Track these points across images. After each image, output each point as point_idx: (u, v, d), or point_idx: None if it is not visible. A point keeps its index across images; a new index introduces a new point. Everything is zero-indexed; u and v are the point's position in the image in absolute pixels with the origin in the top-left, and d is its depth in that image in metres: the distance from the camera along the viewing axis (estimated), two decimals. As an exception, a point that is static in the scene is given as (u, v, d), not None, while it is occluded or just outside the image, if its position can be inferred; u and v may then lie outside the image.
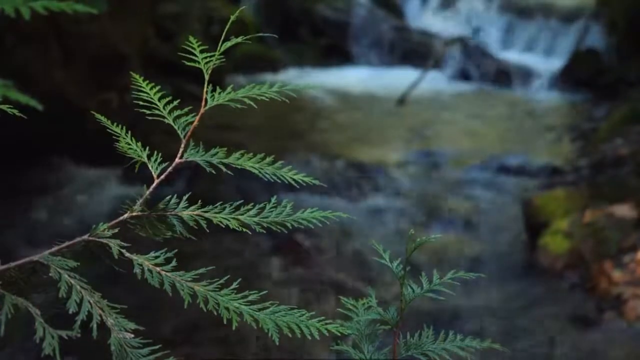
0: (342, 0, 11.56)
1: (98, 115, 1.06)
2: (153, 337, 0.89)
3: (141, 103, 1.04)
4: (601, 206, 5.36)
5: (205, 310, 0.91)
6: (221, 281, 0.94)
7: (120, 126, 1.06)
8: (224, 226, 0.98)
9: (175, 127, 1.02)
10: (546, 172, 6.90)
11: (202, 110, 1.01)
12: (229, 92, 1.02)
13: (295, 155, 6.98)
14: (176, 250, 0.95)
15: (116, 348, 0.87)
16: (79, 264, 0.90)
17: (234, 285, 0.94)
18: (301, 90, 1.03)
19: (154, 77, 1.10)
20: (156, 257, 0.94)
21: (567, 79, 9.79)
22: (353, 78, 10.19)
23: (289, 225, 0.99)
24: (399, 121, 8.75)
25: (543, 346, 4.45)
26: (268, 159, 1.01)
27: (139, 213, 0.97)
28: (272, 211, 1.00)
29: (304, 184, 1.01)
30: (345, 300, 1.15)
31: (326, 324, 0.93)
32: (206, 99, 1.01)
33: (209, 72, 1.02)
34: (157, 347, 0.89)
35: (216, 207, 0.99)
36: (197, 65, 1.02)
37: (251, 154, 1.01)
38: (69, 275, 0.89)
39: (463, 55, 10.55)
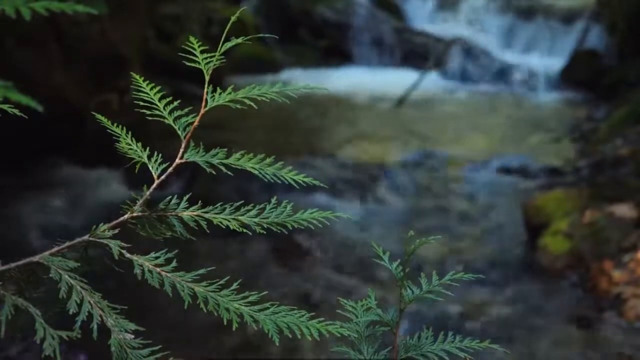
0: (342, 1, 11.56)
1: (98, 116, 1.06)
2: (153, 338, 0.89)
3: (141, 104, 1.04)
4: (601, 206, 5.35)
5: (205, 311, 0.91)
6: (221, 282, 0.94)
7: (120, 127, 1.05)
8: (224, 227, 0.98)
9: (176, 128, 1.02)
10: (546, 173, 6.90)
11: (202, 111, 1.01)
12: (229, 93, 1.01)
13: (295, 156, 6.98)
14: (177, 251, 0.95)
15: (116, 349, 0.87)
16: (79, 264, 0.90)
17: (234, 286, 0.94)
18: (301, 91, 1.02)
19: (153, 78, 1.10)
20: (156, 258, 0.94)
21: (567, 79, 9.79)
22: (353, 79, 10.19)
23: (289, 226, 0.99)
24: (398, 122, 8.75)
25: (543, 346, 4.45)
26: (268, 160, 1.01)
27: (139, 214, 0.97)
28: (272, 212, 1.00)
29: (304, 185, 1.01)
30: (344, 302, 1.14)
31: (326, 324, 0.93)
32: (206, 100, 1.01)
33: (209, 72, 1.02)
34: (157, 347, 0.88)
35: (216, 207, 0.99)
36: (197, 65, 1.02)
37: (251, 154, 1.01)
38: (69, 276, 0.89)
39: (463, 56, 10.55)
